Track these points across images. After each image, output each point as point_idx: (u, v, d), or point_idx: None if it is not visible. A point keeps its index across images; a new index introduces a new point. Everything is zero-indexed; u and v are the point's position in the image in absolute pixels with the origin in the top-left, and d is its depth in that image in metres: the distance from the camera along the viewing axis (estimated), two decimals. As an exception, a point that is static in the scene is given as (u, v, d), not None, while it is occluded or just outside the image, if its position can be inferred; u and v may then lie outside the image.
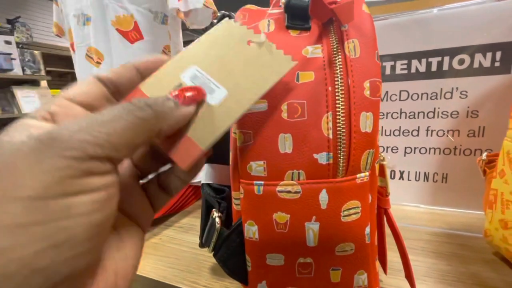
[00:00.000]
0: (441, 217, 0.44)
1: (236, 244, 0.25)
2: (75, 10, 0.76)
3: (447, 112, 0.44)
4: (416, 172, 0.48)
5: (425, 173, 0.47)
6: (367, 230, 0.23)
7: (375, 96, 0.21)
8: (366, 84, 0.21)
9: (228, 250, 0.25)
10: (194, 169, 0.18)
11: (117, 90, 0.17)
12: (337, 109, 0.20)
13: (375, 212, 0.25)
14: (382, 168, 0.26)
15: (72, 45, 0.81)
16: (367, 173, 0.22)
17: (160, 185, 0.19)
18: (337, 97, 0.20)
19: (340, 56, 0.21)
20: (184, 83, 0.18)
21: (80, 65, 0.80)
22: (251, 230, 0.23)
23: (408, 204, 0.49)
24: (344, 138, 0.21)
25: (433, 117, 0.45)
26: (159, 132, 0.15)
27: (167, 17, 0.80)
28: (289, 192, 0.22)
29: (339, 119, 0.21)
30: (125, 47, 0.75)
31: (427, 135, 0.46)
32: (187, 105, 0.16)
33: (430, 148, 0.46)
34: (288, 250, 0.23)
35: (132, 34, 0.75)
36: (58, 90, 2.65)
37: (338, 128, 0.21)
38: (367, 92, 0.21)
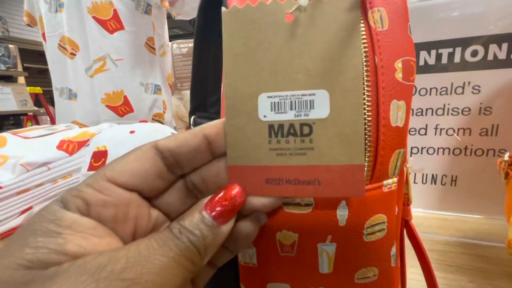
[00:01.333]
0: (451, 223, 0.41)
1: (228, 270, 0.19)
2: (46, -5, 0.68)
3: (458, 108, 0.41)
4: (423, 174, 0.44)
5: (433, 175, 0.44)
6: (393, 250, 0.18)
7: (409, 80, 0.16)
8: (398, 64, 0.16)
9: (218, 278, 0.20)
10: (251, 237, 0.15)
11: (176, 163, 0.14)
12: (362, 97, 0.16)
13: (399, 227, 0.20)
14: (405, 172, 0.21)
15: (43, 34, 0.73)
16: (395, 179, 0.17)
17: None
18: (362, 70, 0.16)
19: (363, 29, 0.16)
20: (275, 121, 0.13)
21: (53, 56, 0.72)
22: (247, 254, 0.18)
23: (414, 209, 0.45)
24: (371, 134, 0.16)
25: (443, 114, 0.41)
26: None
27: (151, 6, 0.74)
28: (298, 204, 0.17)
29: (364, 109, 0.16)
30: (103, 37, 0.68)
31: (435, 134, 0.42)
32: (225, 222, 0.13)
33: (438, 148, 0.43)
34: (296, 279, 0.18)
35: (111, 23, 0.68)
36: (38, 88, 2.51)
37: (364, 122, 0.16)
38: (399, 75, 0.16)
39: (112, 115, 0.74)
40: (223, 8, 0.14)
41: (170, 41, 1.24)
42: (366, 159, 0.16)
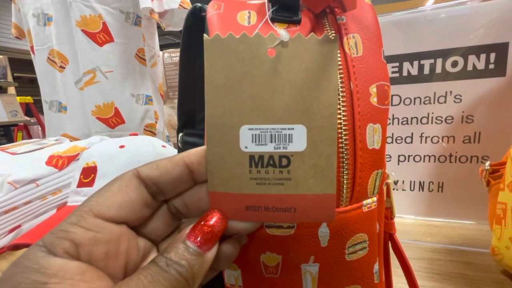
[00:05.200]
0: (439, 229, 0.42)
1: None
2: (34, 9, 0.68)
3: (441, 117, 0.42)
4: (410, 182, 0.45)
5: (420, 182, 0.44)
6: (376, 267, 0.19)
7: (384, 104, 0.17)
8: (373, 89, 0.17)
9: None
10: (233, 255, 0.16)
11: (159, 191, 0.14)
12: (339, 122, 0.16)
13: (382, 243, 0.21)
14: (387, 187, 0.22)
15: (32, 48, 0.73)
16: (374, 198, 0.18)
17: None
18: (337, 106, 0.16)
19: (339, 55, 0.17)
20: (256, 152, 0.14)
21: (42, 69, 0.72)
22: (232, 276, 0.18)
23: (402, 216, 0.46)
24: (349, 157, 0.16)
25: (427, 122, 0.43)
26: None
27: (140, 18, 0.75)
28: (280, 226, 0.17)
29: (341, 133, 0.16)
30: (93, 50, 0.68)
31: (421, 142, 0.43)
32: (210, 248, 0.13)
33: (424, 156, 0.44)
34: (281, 299, 0.18)
35: (100, 36, 0.68)
36: (28, 97, 2.47)
37: (340, 145, 0.16)
38: (374, 99, 0.17)
39: (103, 127, 0.73)
40: (205, 36, 0.14)
41: (162, 49, 1.24)
42: (345, 181, 0.17)
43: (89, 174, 0.42)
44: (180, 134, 0.29)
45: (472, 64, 0.39)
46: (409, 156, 0.44)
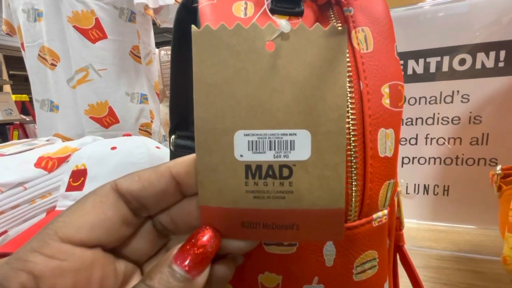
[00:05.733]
0: (445, 235, 0.40)
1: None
2: (24, 4, 0.66)
3: (448, 118, 0.40)
4: (415, 185, 0.43)
5: (424, 185, 0.43)
6: (386, 286, 0.17)
7: (397, 106, 0.15)
8: (385, 90, 0.15)
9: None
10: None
11: (141, 206, 0.12)
12: (347, 126, 0.14)
13: (392, 259, 0.19)
14: (397, 197, 0.20)
15: (22, 44, 0.70)
16: (385, 211, 0.16)
17: None
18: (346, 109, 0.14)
19: (347, 51, 0.15)
20: (252, 161, 0.12)
21: (32, 67, 0.69)
22: (227, 298, 0.16)
23: (407, 220, 0.44)
24: (358, 166, 0.14)
25: (433, 123, 0.41)
26: None
27: (135, 14, 0.72)
28: (280, 244, 0.15)
29: (350, 139, 0.14)
30: (85, 47, 0.66)
31: (426, 144, 0.42)
32: (200, 272, 0.11)
33: (429, 158, 0.42)
34: (281, 324, 0.16)
35: (93, 32, 0.66)
36: (24, 96, 2.43)
37: (349, 153, 0.14)
38: (386, 101, 0.15)
39: (97, 126, 0.71)
40: (193, 27, 0.12)
41: (158, 46, 1.22)
42: (353, 193, 0.15)
43: (78, 177, 0.40)
44: (173, 137, 0.28)
45: (480, 62, 0.37)
46: (413, 158, 0.43)
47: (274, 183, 0.12)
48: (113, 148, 0.42)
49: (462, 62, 0.38)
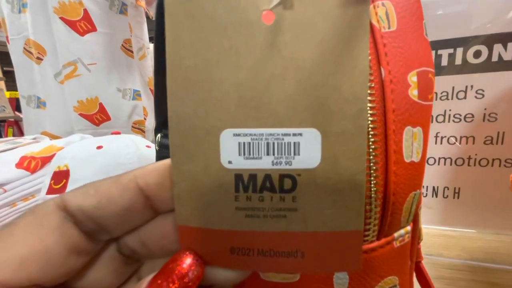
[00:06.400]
0: (456, 241, 0.37)
1: None
2: (8, -6, 0.62)
3: (460, 115, 0.37)
4: (423, 187, 0.40)
5: (433, 187, 0.40)
6: (407, 316, 0.14)
7: (427, 99, 0.12)
8: (412, 78, 0.12)
9: None
10: None
11: (99, 228, 0.10)
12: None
13: (412, 282, 0.16)
14: (416, 207, 0.17)
15: (7, 37, 0.67)
16: (408, 228, 0.13)
17: None
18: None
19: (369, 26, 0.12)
20: (244, 169, 0.09)
21: (18, 61, 0.66)
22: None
23: (414, 225, 0.41)
24: (378, 174, 0.11)
25: (443, 121, 0.38)
26: None
27: (126, 6, 0.69)
28: (280, 271, 0.12)
29: (369, 140, 0.11)
30: (73, 40, 0.62)
31: (436, 143, 0.39)
32: None
33: (439, 158, 0.39)
34: None
35: (81, 25, 0.62)
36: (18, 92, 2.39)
37: (368, 158, 0.11)
38: (413, 92, 0.12)
39: (87, 124, 0.68)
40: None
41: (152, 42, 1.18)
42: (373, 208, 0.12)
43: (60, 179, 0.37)
44: (158, 135, 0.25)
45: (497, 54, 0.34)
46: (422, 158, 0.40)
47: (272, 197, 0.09)
48: (99, 147, 0.39)
49: (477, 54, 0.35)
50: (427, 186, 0.40)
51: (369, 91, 0.11)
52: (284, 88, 0.09)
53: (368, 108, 0.11)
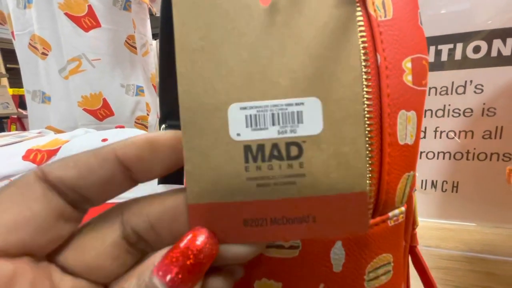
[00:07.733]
0: (455, 233, 0.38)
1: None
2: (13, -10, 0.63)
3: (459, 110, 0.38)
4: (422, 181, 0.41)
5: (432, 181, 0.41)
6: (401, 294, 0.15)
7: (421, 84, 0.13)
8: (407, 64, 0.13)
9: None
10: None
11: (83, 199, 0.10)
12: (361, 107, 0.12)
13: (407, 263, 0.17)
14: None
15: (12, 33, 0.68)
16: (402, 209, 0.14)
17: None
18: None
19: (361, 18, 0.13)
20: (253, 140, 0.10)
21: (23, 56, 0.67)
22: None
23: (413, 218, 0.42)
24: (373, 155, 0.12)
25: (443, 115, 0.38)
26: None
27: (130, 2, 0.69)
28: (280, 246, 0.13)
29: (365, 122, 0.12)
30: (78, 36, 0.63)
31: (435, 137, 0.39)
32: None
33: (438, 152, 0.40)
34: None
35: (85, 20, 0.63)
36: (21, 89, 2.40)
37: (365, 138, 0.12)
38: (408, 77, 0.13)
39: (90, 119, 0.69)
40: None
41: (156, 38, 1.19)
42: (368, 187, 0.12)
43: (66, 170, 0.38)
44: (163, 126, 0.25)
45: (497, 49, 0.34)
46: (421, 152, 0.40)
47: (281, 165, 0.10)
48: (104, 140, 0.40)
49: (476, 49, 0.35)
50: (426, 180, 0.41)
51: (365, 77, 0.12)
52: (284, 62, 0.10)
53: (365, 92, 0.12)
